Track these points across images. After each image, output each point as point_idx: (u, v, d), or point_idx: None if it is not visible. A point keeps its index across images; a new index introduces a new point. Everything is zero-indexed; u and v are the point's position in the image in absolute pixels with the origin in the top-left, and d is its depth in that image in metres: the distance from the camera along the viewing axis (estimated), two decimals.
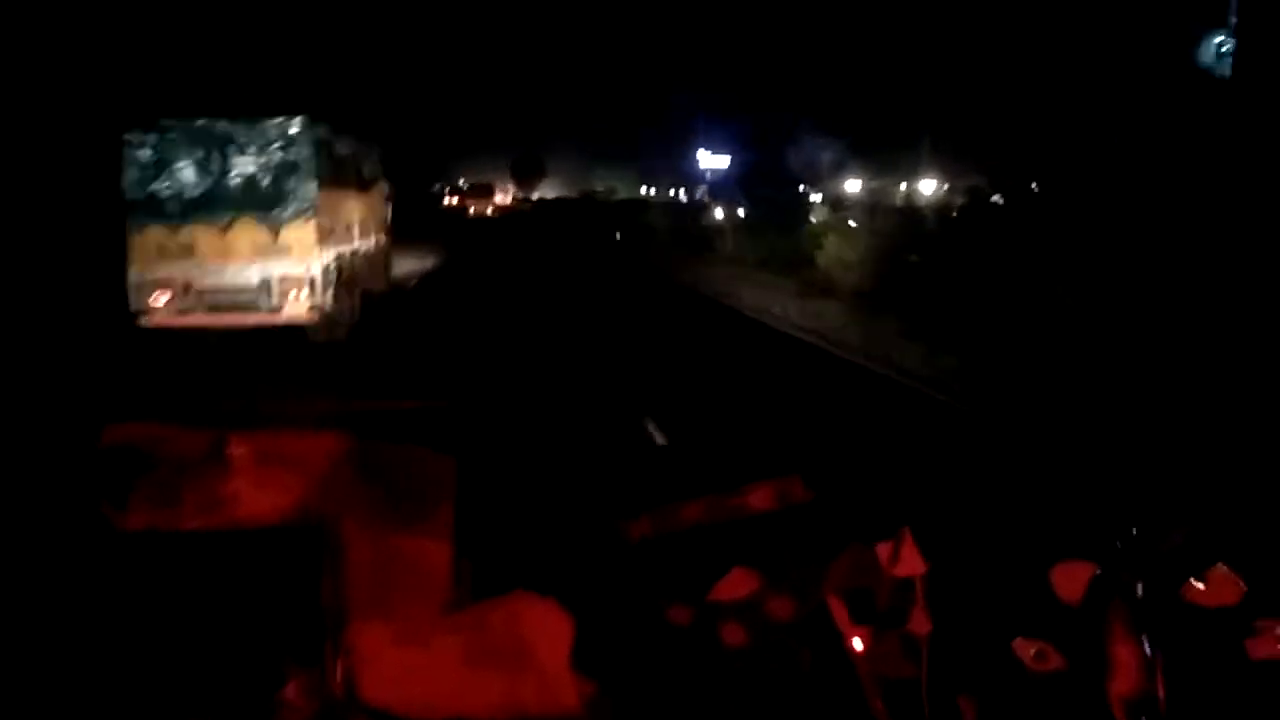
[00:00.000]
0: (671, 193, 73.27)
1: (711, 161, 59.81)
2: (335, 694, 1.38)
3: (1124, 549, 1.33)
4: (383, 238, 19.96)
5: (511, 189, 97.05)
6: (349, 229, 16.23)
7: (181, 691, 1.37)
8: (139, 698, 1.37)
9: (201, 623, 1.40)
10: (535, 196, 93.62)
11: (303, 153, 13.58)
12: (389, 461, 1.54)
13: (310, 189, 13.58)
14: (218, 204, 13.37)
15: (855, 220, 26.00)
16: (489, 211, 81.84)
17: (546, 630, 1.47)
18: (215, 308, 13.49)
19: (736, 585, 1.60)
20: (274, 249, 13.47)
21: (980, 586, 1.46)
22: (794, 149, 41.39)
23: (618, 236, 42.79)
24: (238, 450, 1.45)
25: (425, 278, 25.21)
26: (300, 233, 13.48)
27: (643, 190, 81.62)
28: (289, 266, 13.45)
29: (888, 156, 42.89)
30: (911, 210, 33.64)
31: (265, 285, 13.43)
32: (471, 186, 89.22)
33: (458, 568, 1.57)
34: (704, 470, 1.87)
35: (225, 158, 13.40)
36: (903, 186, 44.87)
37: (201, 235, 13.30)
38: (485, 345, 13.81)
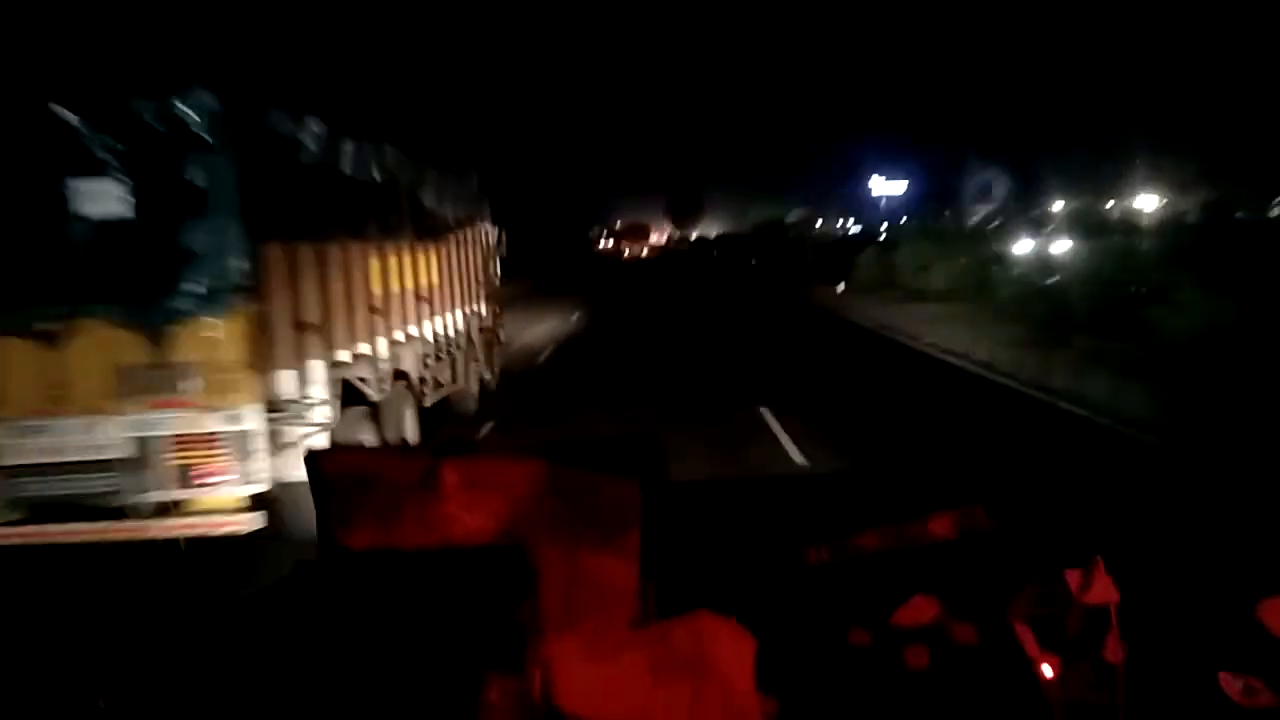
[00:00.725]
0: (841, 222, 69.91)
1: (886, 188, 58.69)
2: (535, 700, 1.48)
3: None
4: (484, 310, 13.93)
5: (667, 229, 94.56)
6: (403, 311, 9.82)
7: (401, 693, 1.51)
8: (362, 698, 1.51)
9: (418, 632, 1.54)
10: (695, 235, 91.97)
11: (217, 171, 6.50)
12: (581, 487, 1.65)
13: (233, 246, 6.54)
14: (42, 288, 6.53)
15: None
16: (644, 253, 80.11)
17: (730, 648, 1.54)
18: (37, 507, 6.62)
19: (918, 611, 1.62)
20: (160, 380, 6.53)
21: (1177, 618, 1.42)
22: (970, 174, 40.30)
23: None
24: (450, 476, 1.60)
25: (561, 348, 21.05)
26: (217, 342, 6.57)
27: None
28: (191, 418, 6.57)
29: (1089, 173, 39.83)
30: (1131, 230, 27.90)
31: (140, 458, 6.58)
32: (625, 228, 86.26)
33: (644, 588, 1.66)
34: (879, 497, 1.88)
35: (60, 184, 6.51)
36: (1110, 204, 40.15)
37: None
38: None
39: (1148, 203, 38.07)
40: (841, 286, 34.57)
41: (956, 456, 8.68)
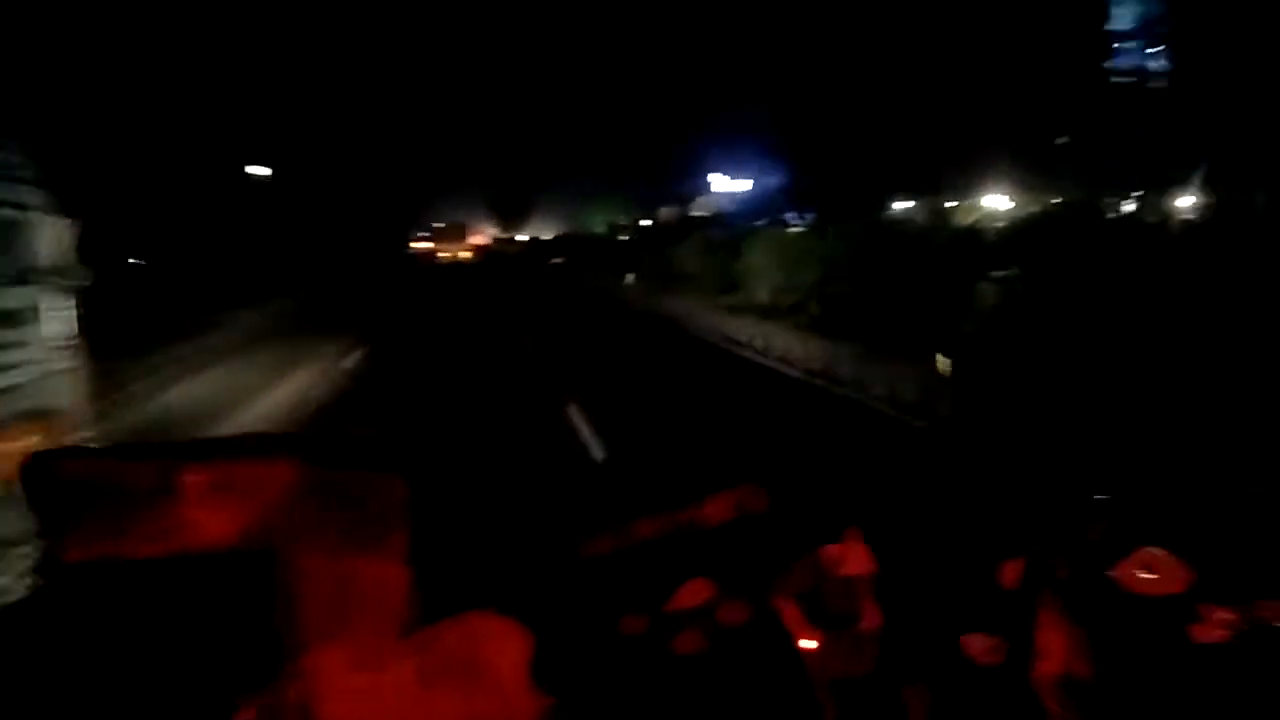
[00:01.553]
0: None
1: (728, 186, 57.20)
2: (292, 718, 1.38)
3: (1053, 541, 1.37)
4: None
5: (491, 229, 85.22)
6: None
7: None
8: None
9: (151, 652, 1.40)
10: (526, 236, 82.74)
11: None
12: (341, 486, 1.55)
13: None
14: None
15: None
16: (464, 255, 72.23)
17: (503, 647, 1.49)
18: None
19: (692, 595, 1.63)
20: None
21: (928, 585, 1.49)
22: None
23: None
24: (190, 479, 1.47)
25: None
26: None
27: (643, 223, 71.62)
28: None
29: (936, 176, 41.01)
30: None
31: None
32: (442, 228, 78.82)
33: (414, 591, 1.58)
34: (658, 485, 1.90)
35: None
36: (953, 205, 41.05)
37: None
38: None
39: (999, 203, 39.97)
40: (630, 278, 35.79)
41: (738, 439, 9.03)
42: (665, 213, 65.35)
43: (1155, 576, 1.54)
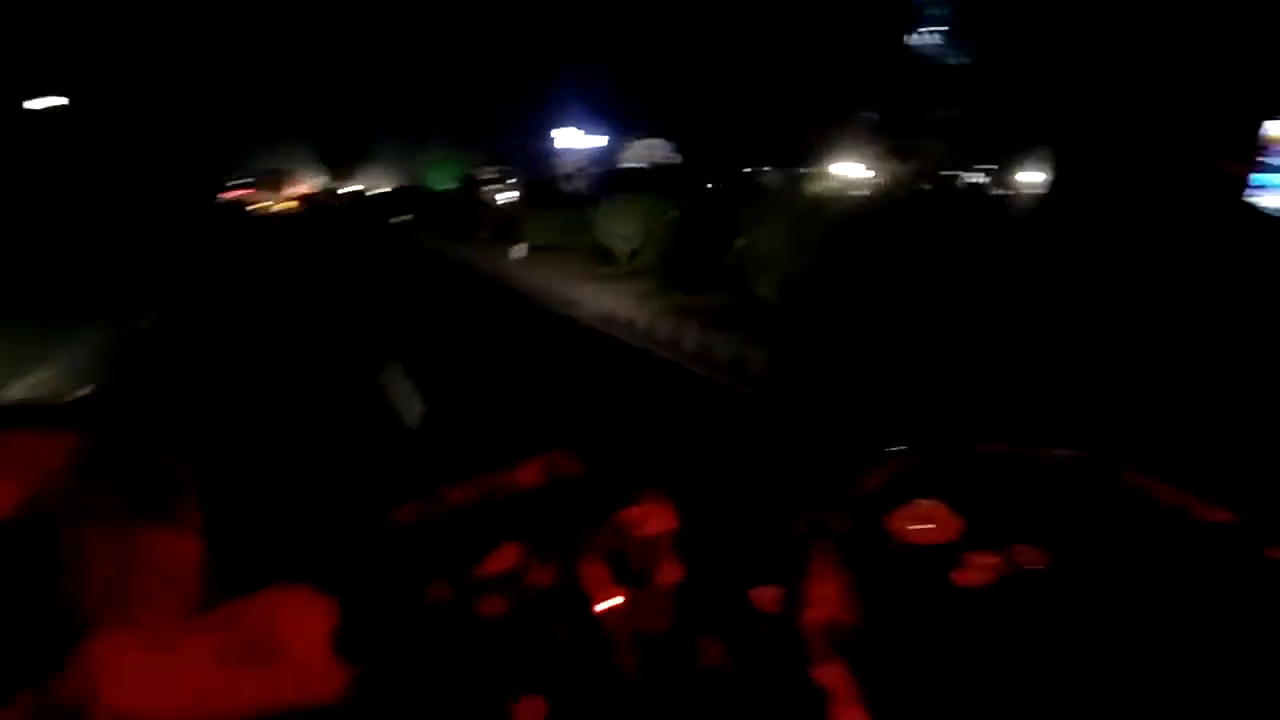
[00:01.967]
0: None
1: (582, 142, 52.58)
2: (73, 706, 1.31)
3: (831, 495, 1.45)
4: None
5: (319, 179, 74.21)
6: None
7: None
8: None
9: None
10: (351, 189, 71.39)
11: None
12: (122, 456, 1.47)
13: None
14: None
15: None
16: (281, 206, 63.49)
17: (304, 620, 1.46)
18: None
19: (501, 560, 1.63)
20: None
21: (726, 540, 1.54)
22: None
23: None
24: None
25: None
26: None
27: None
28: None
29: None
30: None
31: None
32: (259, 177, 67.87)
33: (209, 564, 1.52)
34: (472, 451, 1.90)
35: None
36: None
37: None
38: None
39: (854, 170, 38.95)
40: (520, 250, 32.83)
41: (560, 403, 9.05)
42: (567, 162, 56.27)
43: (930, 526, 1.66)
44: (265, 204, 61.91)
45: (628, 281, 19.07)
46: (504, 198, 43.27)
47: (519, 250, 27.40)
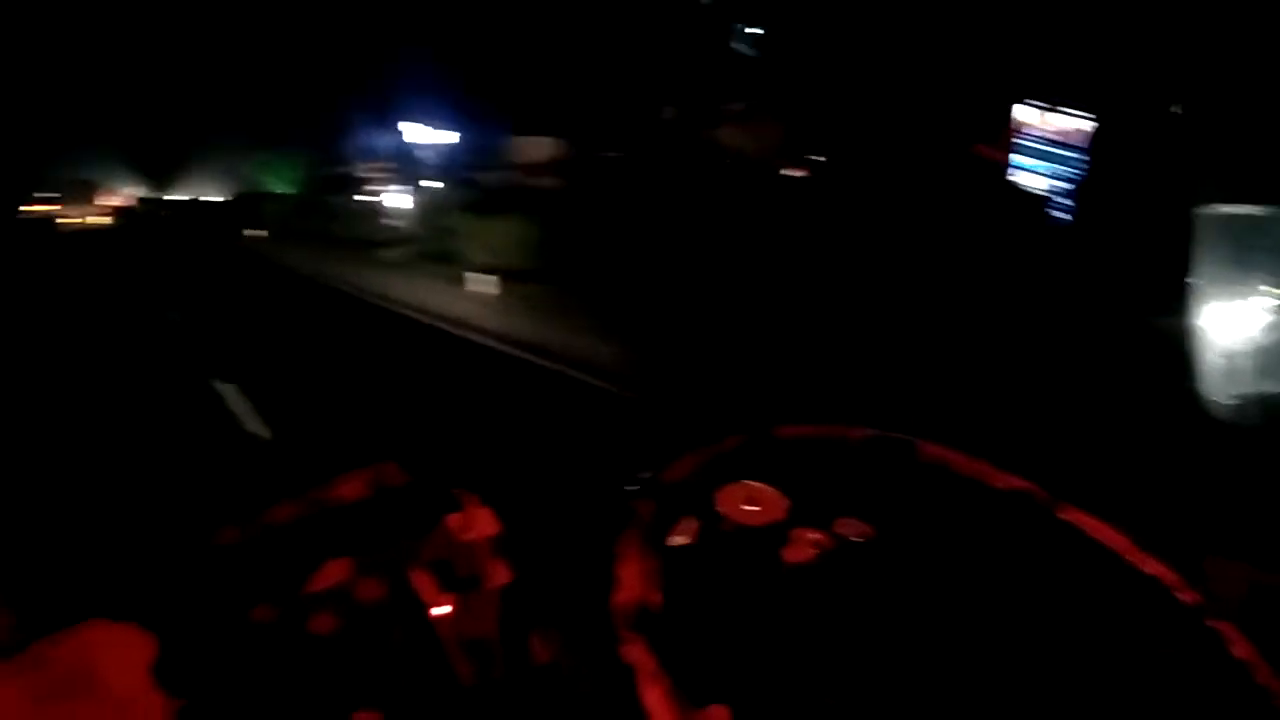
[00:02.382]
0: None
1: (428, 138, 45.72)
2: None
3: (635, 486, 1.56)
4: None
5: (135, 189, 66.40)
6: None
7: None
8: None
9: None
10: (179, 198, 63.00)
11: None
12: None
13: None
14: None
15: None
16: (93, 220, 56.32)
17: (122, 654, 1.42)
18: None
19: (329, 576, 1.63)
20: None
21: (549, 540, 1.61)
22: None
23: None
24: None
25: None
26: None
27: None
28: None
29: None
30: None
31: None
32: (66, 187, 59.67)
33: (8, 605, 1.46)
34: (298, 465, 1.89)
35: None
36: None
37: None
38: None
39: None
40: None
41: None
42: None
43: (757, 508, 1.78)
44: (75, 219, 54.05)
45: None
46: (395, 203, 38.15)
47: (479, 281, 19.29)
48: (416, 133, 45.91)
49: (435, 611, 1.47)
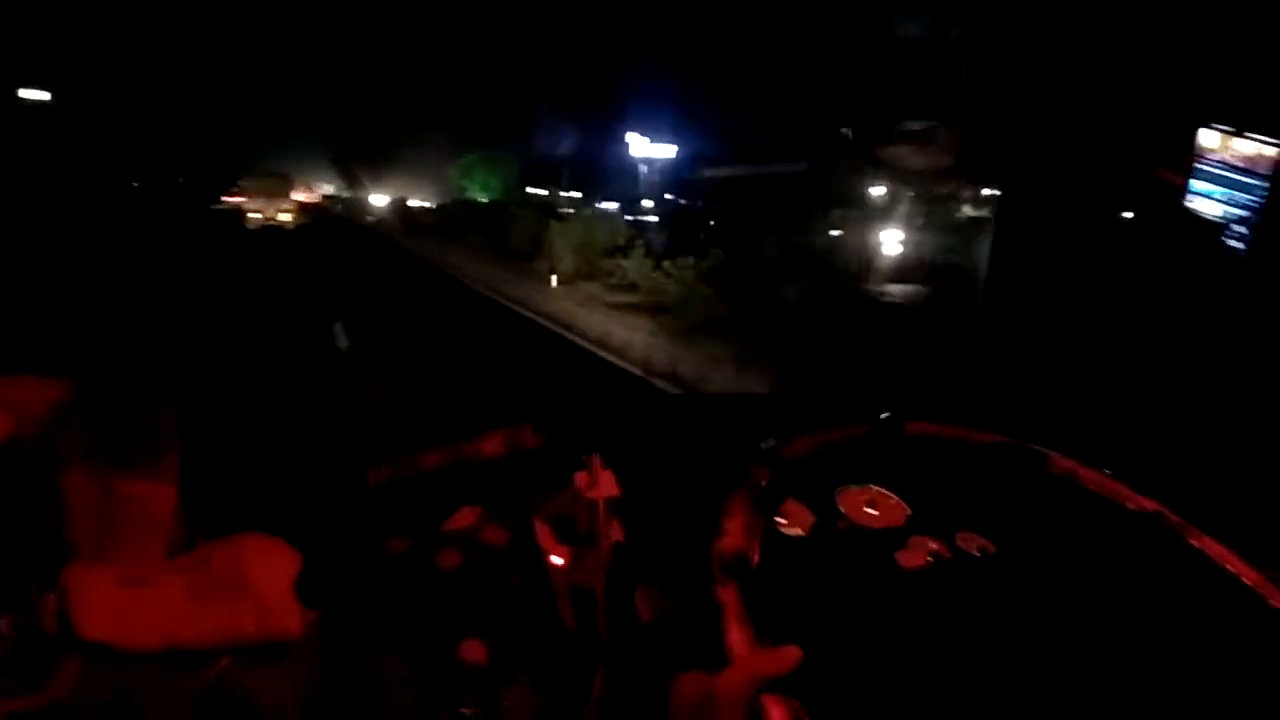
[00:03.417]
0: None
1: (650, 150, 39.58)
2: (46, 629, 1.41)
3: (754, 453, 1.59)
4: None
5: (327, 185, 60.97)
6: None
7: None
8: None
9: None
10: (381, 198, 56.22)
11: None
12: (112, 408, 1.57)
13: None
14: None
15: None
16: (280, 217, 49.29)
17: (270, 565, 1.55)
18: None
19: (460, 520, 1.75)
20: None
21: (665, 504, 1.66)
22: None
23: None
24: None
25: None
26: None
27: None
28: None
29: None
30: None
31: None
32: (257, 181, 51.27)
33: (187, 513, 1.62)
34: (444, 422, 2.04)
35: None
36: None
37: None
38: None
39: None
40: None
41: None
42: None
43: (877, 513, 1.78)
44: (261, 213, 49.05)
45: None
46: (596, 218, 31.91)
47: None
48: (637, 145, 40.22)
49: (552, 560, 1.55)
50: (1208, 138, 13.88)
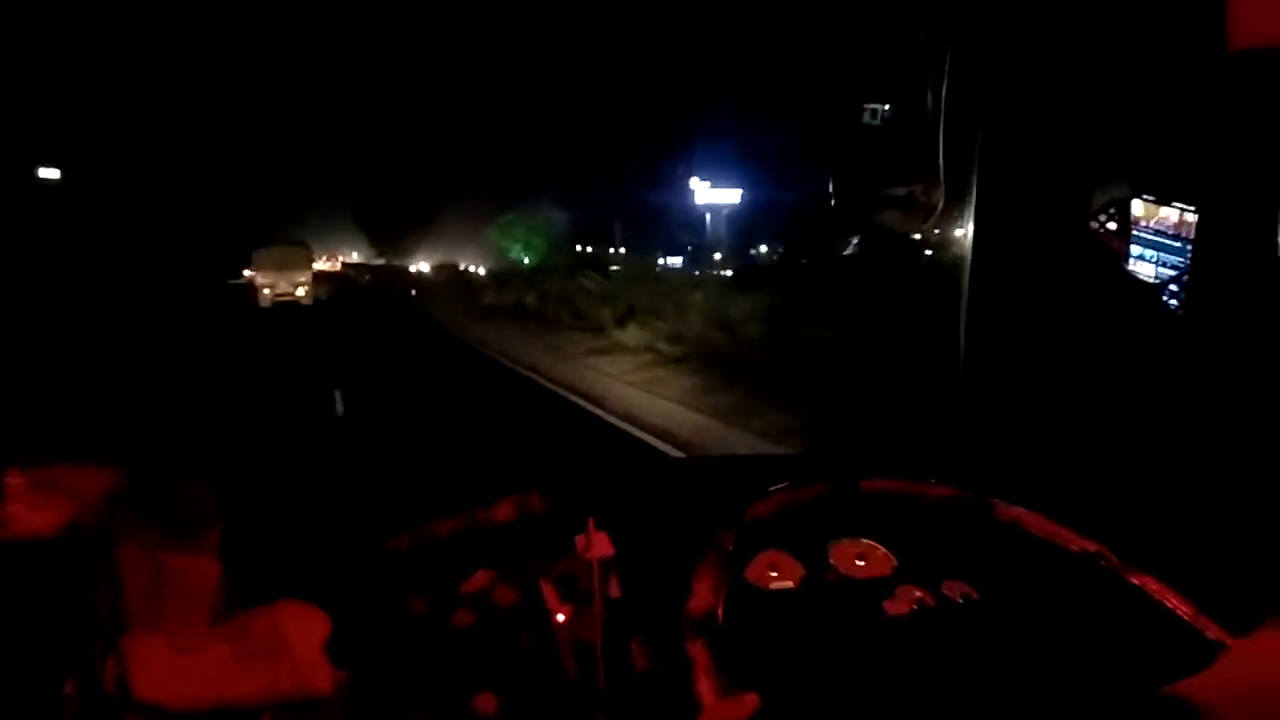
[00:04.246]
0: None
1: (711, 196, 35.29)
2: (107, 691, 1.57)
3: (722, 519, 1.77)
4: None
5: (351, 253, 55.81)
6: None
7: None
8: None
9: None
10: (423, 265, 50.12)
11: None
12: (158, 488, 1.75)
13: None
14: None
15: None
16: (297, 293, 43.00)
17: (304, 629, 1.71)
18: None
19: (474, 582, 1.91)
20: None
21: (657, 563, 1.82)
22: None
23: None
24: (13, 480, 1.64)
25: None
26: None
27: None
28: None
29: None
30: None
31: None
32: (269, 252, 44.40)
33: (228, 583, 1.79)
34: (460, 488, 2.21)
35: None
36: None
37: None
38: None
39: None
40: None
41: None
42: None
43: (864, 563, 1.93)
44: (273, 288, 42.27)
45: None
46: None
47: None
48: (701, 191, 35.11)
49: (556, 618, 1.71)
50: (1138, 206, 14.06)
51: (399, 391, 19.72)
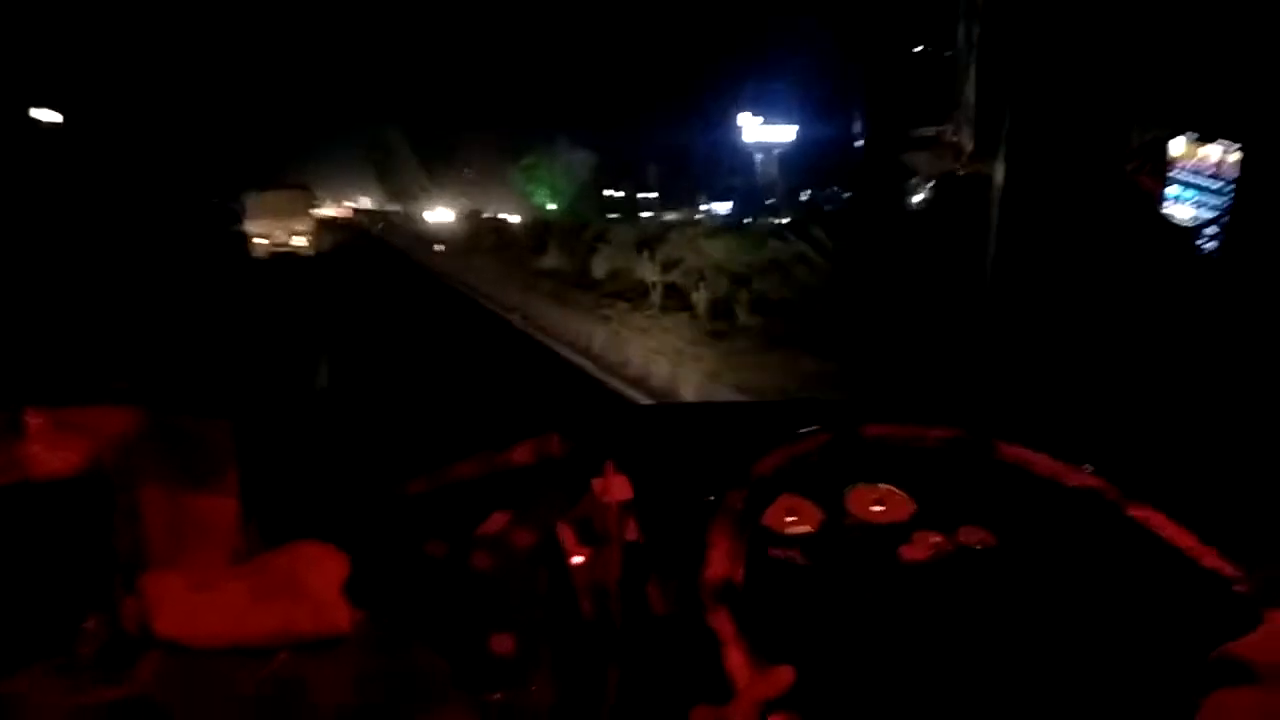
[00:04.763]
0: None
1: (762, 133, 30.10)
2: (128, 629, 1.58)
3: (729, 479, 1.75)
4: None
5: (360, 198, 49.11)
6: None
7: None
8: None
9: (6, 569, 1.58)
10: (446, 215, 42.40)
11: None
12: (177, 429, 1.75)
13: None
14: None
15: None
16: (294, 242, 36.82)
17: (321, 567, 1.71)
18: None
19: (492, 524, 1.90)
20: None
21: (677, 509, 1.80)
22: None
23: None
24: (33, 420, 1.64)
25: None
26: None
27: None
28: None
29: None
30: None
31: None
32: (265, 197, 37.07)
33: (246, 523, 1.80)
34: (478, 432, 2.21)
35: None
36: None
37: None
38: None
39: None
40: None
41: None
42: None
43: (883, 508, 1.91)
44: (268, 238, 37.23)
45: None
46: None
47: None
48: (750, 128, 30.63)
49: (573, 560, 1.70)
50: (1176, 145, 13.68)
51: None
